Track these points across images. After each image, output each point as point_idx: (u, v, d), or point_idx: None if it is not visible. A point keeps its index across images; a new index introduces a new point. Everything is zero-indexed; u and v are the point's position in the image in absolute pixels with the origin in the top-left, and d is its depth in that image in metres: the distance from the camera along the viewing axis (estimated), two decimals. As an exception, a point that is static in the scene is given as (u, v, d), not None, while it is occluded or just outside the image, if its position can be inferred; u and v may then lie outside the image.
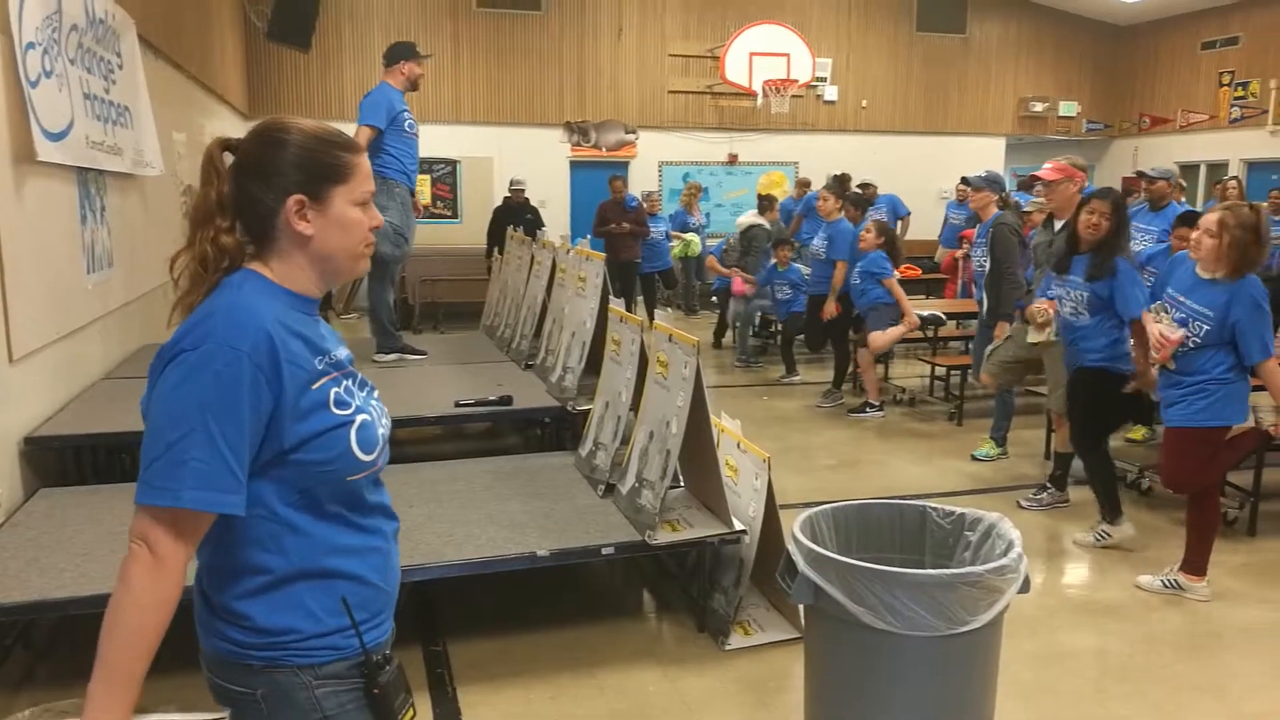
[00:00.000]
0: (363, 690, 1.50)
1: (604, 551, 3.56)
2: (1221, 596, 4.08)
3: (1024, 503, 5.26)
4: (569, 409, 4.81)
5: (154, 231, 6.53)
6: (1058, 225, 5.06)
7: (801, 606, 2.77)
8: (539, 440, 5.61)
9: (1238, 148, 13.78)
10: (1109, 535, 4.68)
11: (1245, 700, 3.33)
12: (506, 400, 4.95)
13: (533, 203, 11.42)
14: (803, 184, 11.78)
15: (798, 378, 8.37)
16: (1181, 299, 3.98)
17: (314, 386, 1.44)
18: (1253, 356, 3.87)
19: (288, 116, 1.54)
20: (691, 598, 3.94)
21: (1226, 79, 13.93)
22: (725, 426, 3.97)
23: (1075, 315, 4.60)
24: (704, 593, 3.86)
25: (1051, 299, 4.85)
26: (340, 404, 1.47)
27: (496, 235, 9.75)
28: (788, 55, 12.83)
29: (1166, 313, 4.03)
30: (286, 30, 10.01)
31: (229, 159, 1.49)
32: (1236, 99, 13.78)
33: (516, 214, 10.48)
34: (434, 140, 10.75)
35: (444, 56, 12.52)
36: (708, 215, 13.27)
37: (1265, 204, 8.79)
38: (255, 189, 1.47)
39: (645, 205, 11.06)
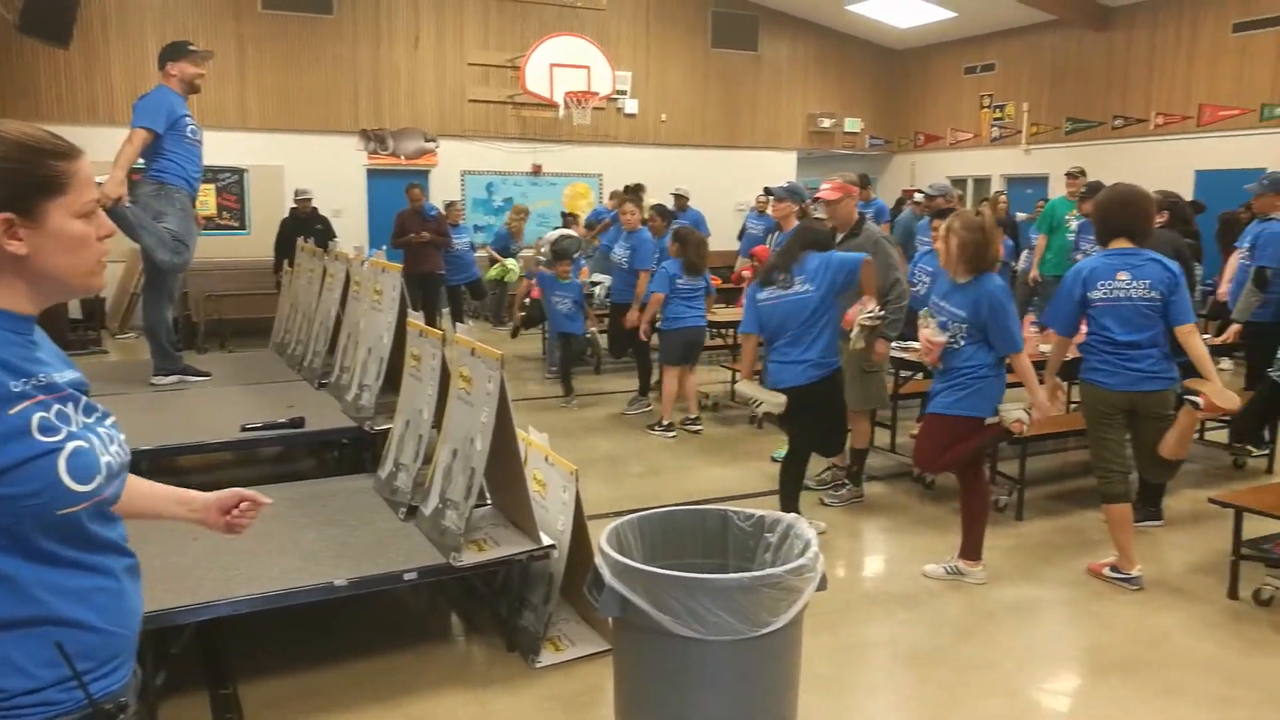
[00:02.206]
0: None
1: (406, 577, 3.43)
2: (995, 578, 4.41)
3: (827, 500, 5.48)
4: (367, 429, 4.61)
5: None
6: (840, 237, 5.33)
7: (611, 618, 2.76)
8: (336, 463, 5.35)
9: (998, 164, 15.13)
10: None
11: (1015, 674, 3.60)
12: (298, 422, 4.69)
13: (324, 212, 10.94)
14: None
15: (574, 400, 8.04)
16: (941, 304, 4.28)
17: (11, 412, 1.27)
18: (1003, 349, 4.16)
19: None
20: (501, 617, 3.85)
21: (986, 101, 15.26)
22: (533, 440, 3.91)
23: None
24: (513, 611, 3.78)
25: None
26: (47, 430, 1.30)
27: (285, 247, 9.34)
28: (588, 68, 12.93)
29: (934, 318, 4.31)
30: (41, 23, 9.02)
31: None
32: (995, 120, 15.12)
33: (305, 225, 9.99)
34: (219, 148, 10.06)
35: (227, 59, 11.81)
36: (513, 224, 13.18)
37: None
38: None
39: (447, 215, 10.85)
